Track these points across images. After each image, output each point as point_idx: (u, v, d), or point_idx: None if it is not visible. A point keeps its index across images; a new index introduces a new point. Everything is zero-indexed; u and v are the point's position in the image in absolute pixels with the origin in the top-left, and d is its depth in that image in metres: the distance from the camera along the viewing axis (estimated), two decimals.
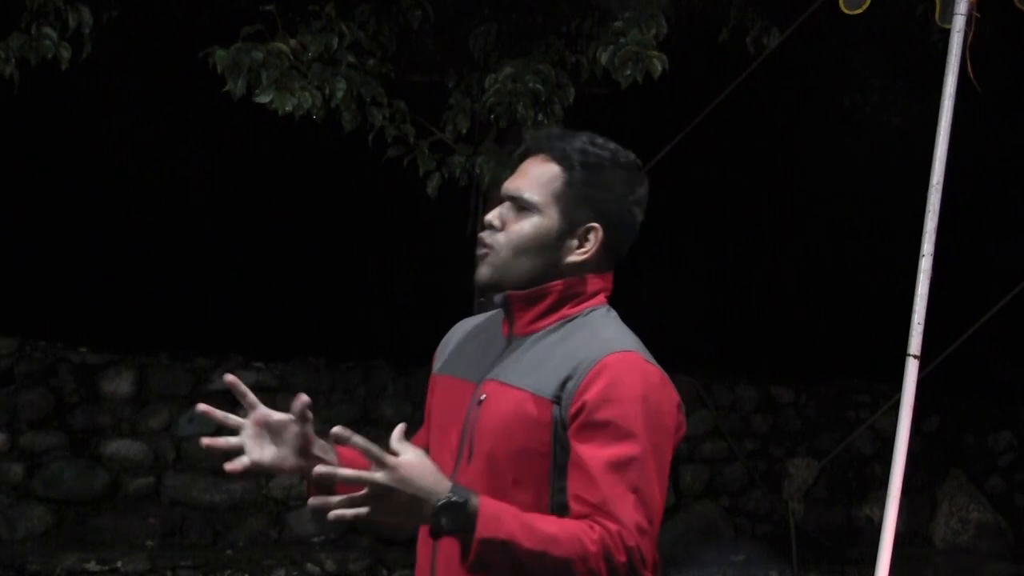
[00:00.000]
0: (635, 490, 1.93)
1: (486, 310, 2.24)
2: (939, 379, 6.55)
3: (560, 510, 1.95)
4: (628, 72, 5.30)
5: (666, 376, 2.08)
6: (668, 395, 2.06)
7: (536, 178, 2.09)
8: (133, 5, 5.83)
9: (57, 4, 5.26)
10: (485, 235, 2.07)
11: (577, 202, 2.05)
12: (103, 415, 6.82)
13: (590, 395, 1.94)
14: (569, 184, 2.06)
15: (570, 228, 2.06)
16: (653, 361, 2.09)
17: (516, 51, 5.90)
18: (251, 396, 2.10)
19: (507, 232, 2.06)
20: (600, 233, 2.06)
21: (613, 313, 2.12)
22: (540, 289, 2.05)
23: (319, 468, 1.85)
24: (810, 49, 6.76)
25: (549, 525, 1.88)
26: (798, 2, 5.82)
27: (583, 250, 2.06)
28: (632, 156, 2.14)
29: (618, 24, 5.39)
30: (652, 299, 9.33)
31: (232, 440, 2.12)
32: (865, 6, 3.88)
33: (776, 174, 9.14)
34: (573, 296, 2.07)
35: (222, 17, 5.87)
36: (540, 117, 5.61)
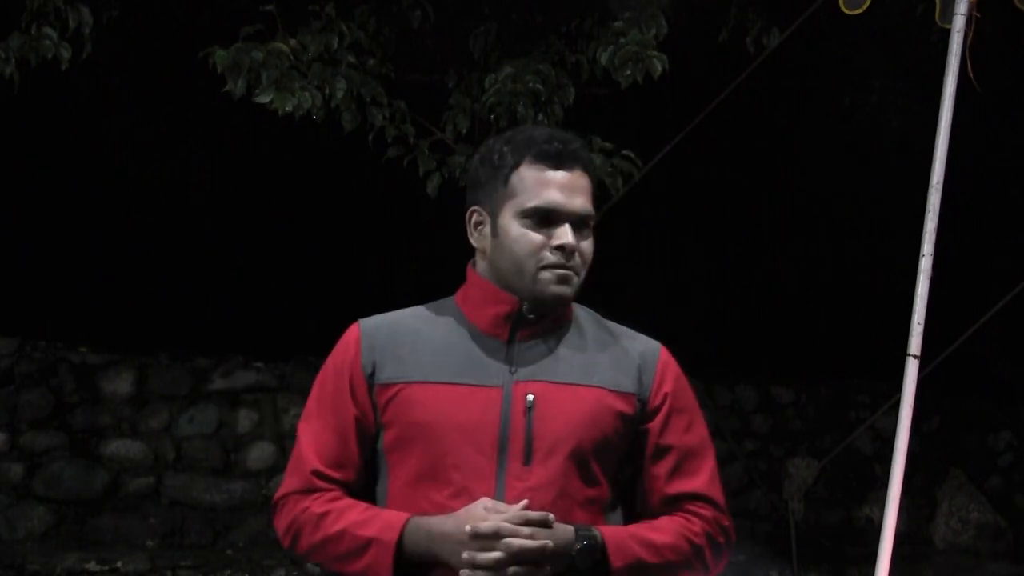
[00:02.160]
0: (715, 469, 2.11)
1: None
2: (939, 379, 6.54)
3: (617, 500, 2.07)
4: (628, 72, 5.30)
5: None
6: None
7: (588, 194, 2.07)
8: (133, 5, 5.82)
9: (57, 4, 5.26)
10: (572, 261, 2.03)
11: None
12: (103, 415, 6.82)
13: (667, 387, 2.08)
14: (592, 189, 2.10)
15: None
16: None
17: (516, 51, 5.90)
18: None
19: (583, 255, 2.06)
20: None
21: None
22: None
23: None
24: (810, 49, 6.76)
25: (661, 534, 2.01)
26: (798, 2, 5.82)
27: None
28: None
29: (618, 24, 5.39)
30: (652, 299, 9.33)
31: None
32: (865, 6, 3.88)
33: (776, 174, 9.14)
34: None
35: (222, 17, 5.86)
36: (540, 117, 5.61)
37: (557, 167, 2.03)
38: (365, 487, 2.08)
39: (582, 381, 2.02)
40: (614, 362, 2.06)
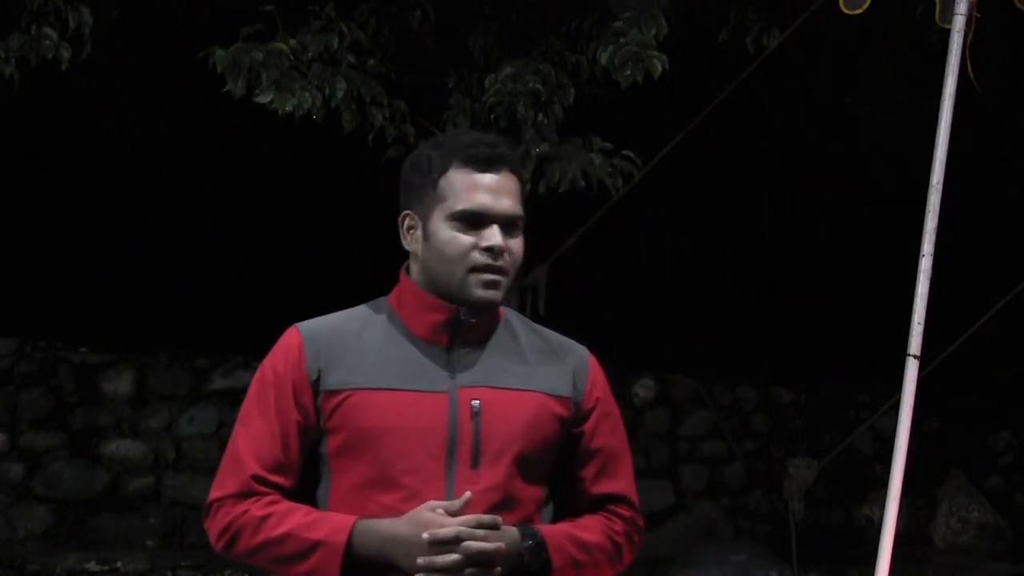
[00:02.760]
0: (632, 469, 2.21)
1: None
2: (939, 379, 6.54)
3: (550, 497, 2.14)
4: (628, 72, 5.30)
5: None
6: None
7: (517, 195, 2.10)
8: (133, 5, 5.83)
9: (57, 4, 5.26)
10: (500, 262, 2.05)
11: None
12: (103, 415, 6.82)
13: (599, 390, 2.18)
14: (521, 190, 2.12)
15: None
16: None
17: (516, 51, 5.89)
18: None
19: (512, 255, 2.08)
20: None
21: None
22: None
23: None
24: (810, 49, 6.76)
25: (591, 534, 2.10)
26: (798, 2, 5.82)
27: None
28: None
29: (618, 24, 5.39)
30: (652, 299, 9.33)
31: None
32: (865, 6, 3.88)
33: (776, 174, 9.14)
34: None
35: (222, 17, 5.86)
36: (540, 117, 5.61)
37: (485, 170, 2.06)
38: (302, 492, 2.10)
39: (524, 386, 2.09)
40: (550, 367, 2.13)
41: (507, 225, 2.06)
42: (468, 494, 1.95)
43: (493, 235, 2.04)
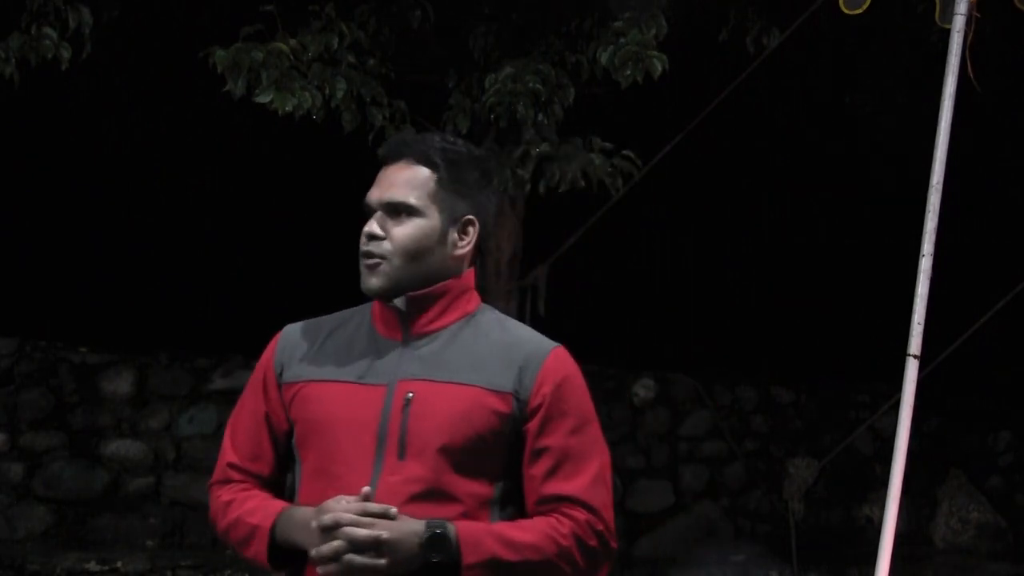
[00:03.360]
0: (598, 472, 2.10)
1: None
2: (939, 379, 6.54)
3: (506, 499, 2.08)
4: (628, 72, 5.30)
5: None
6: None
7: (408, 182, 2.12)
8: (133, 5, 5.82)
9: (57, 4, 5.25)
10: (371, 246, 2.11)
11: (452, 197, 2.13)
12: (103, 415, 6.82)
13: (548, 388, 2.07)
14: (440, 182, 2.13)
15: (451, 224, 2.14)
16: None
17: (516, 51, 5.89)
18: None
19: (393, 239, 2.10)
20: (477, 225, 2.16)
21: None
22: (440, 287, 2.13)
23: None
24: (810, 49, 6.76)
25: (523, 533, 2.01)
26: (798, 2, 5.82)
27: (464, 243, 2.15)
28: (482, 151, 2.27)
29: (618, 24, 5.39)
30: (652, 299, 9.33)
31: None
32: (865, 6, 3.88)
33: (776, 174, 9.14)
34: (465, 292, 2.17)
35: (222, 17, 5.86)
36: (540, 117, 5.61)
37: (386, 164, 2.17)
38: (279, 480, 2.21)
39: (461, 380, 2.07)
40: (498, 362, 2.09)
41: (391, 212, 2.11)
42: (366, 489, 1.97)
43: (370, 222, 2.12)
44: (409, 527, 1.95)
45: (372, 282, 2.10)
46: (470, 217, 2.15)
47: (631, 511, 7.93)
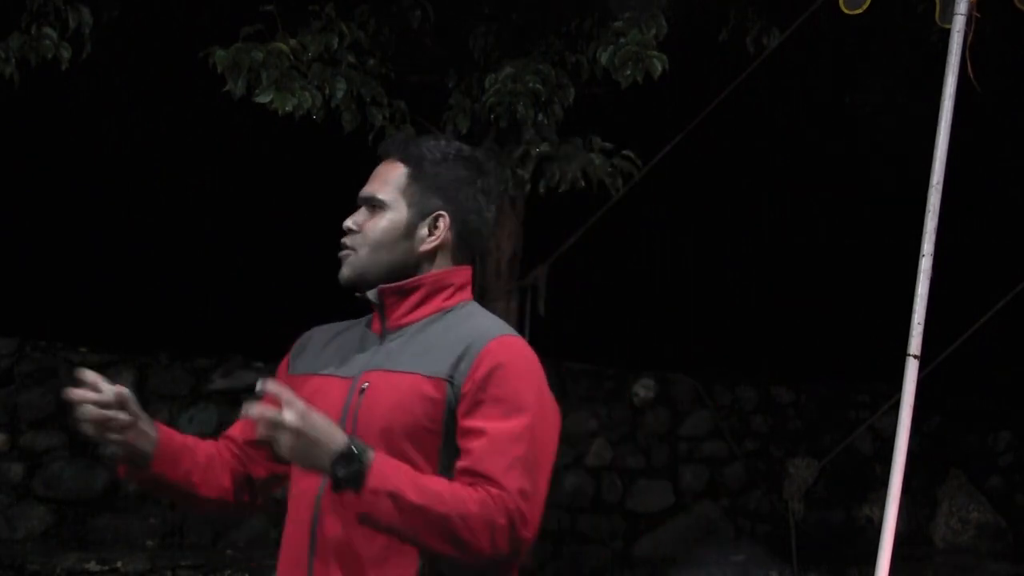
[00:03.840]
0: (522, 458, 2.05)
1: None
2: (939, 379, 6.54)
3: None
4: (628, 72, 5.30)
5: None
6: (545, 377, 2.20)
7: (384, 178, 2.24)
8: (133, 5, 5.82)
9: (57, 4, 5.25)
10: (345, 239, 2.21)
11: (423, 193, 2.21)
12: None
13: (481, 373, 2.08)
14: (413, 177, 2.22)
15: (419, 218, 2.20)
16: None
17: (516, 51, 5.89)
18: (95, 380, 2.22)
19: (363, 232, 2.21)
20: (447, 219, 2.21)
21: (481, 306, 2.28)
22: (413, 281, 2.20)
23: (255, 411, 1.96)
24: (810, 49, 6.75)
25: (436, 484, 2.01)
26: (798, 2, 5.82)
27: (434, 237, 2.20)
28: (475, 152, 2.29)
29: (618, 24, 5.39)
30: (652, 299, 9.33)
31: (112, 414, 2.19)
32: (865, 6, 3.88)
33: (776, 174, 9.14)
34: (443, 288, 2.21)
35: (222, 17, 5.86)
36: (540, 117, 5.61)
37: (379, 162, 2.28)
38: (266, 459, 2.29)
39: (405, 368, 2.13)
40: (443, 350, 2.13)
41: (367, 206, 2.22)
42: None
43: (349, 217, 2.23)
44: (331, 434, 1.96)
45: (341, 272, 2.21)
46: (441, 212, 2.20)
47: (631, 511, 7.94)
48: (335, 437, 1.95)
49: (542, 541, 7.51)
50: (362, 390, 2.13)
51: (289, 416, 1.93)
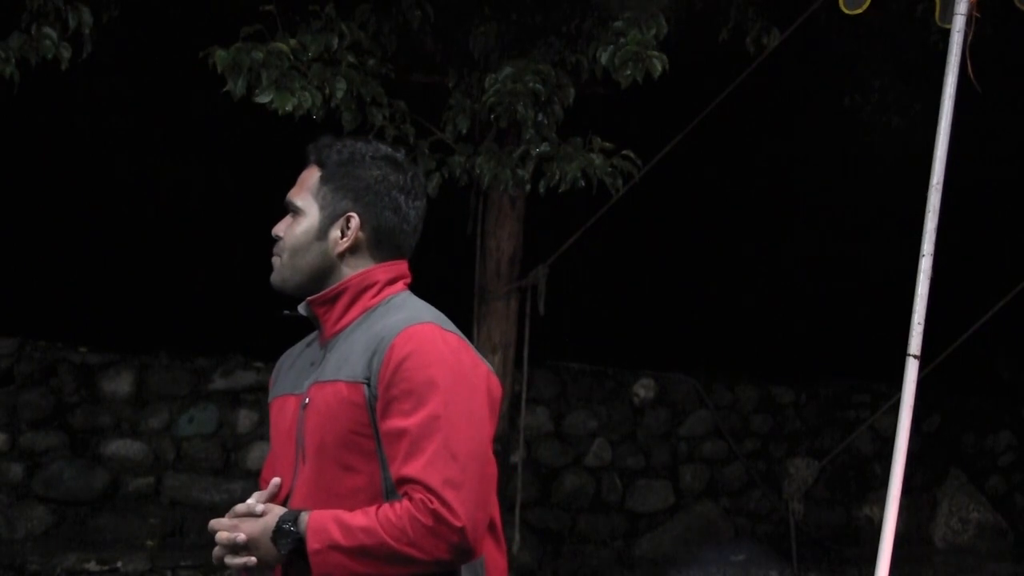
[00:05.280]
0: (442, 448, 2.02)
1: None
2: (939, 379, 6.54)
3: (395, 487, 2.08)
4: (628, 72, 5.29)
5: (465, 341, 2.18)
6: (470, 356, 2.14)
7: (301, 183, 2.28)
8: (133, 5, 5.82)
9: (57, 4, 5.25)
10: (275, 247, 2.27)
11: (333, 195, 2.23)
12: (103, 415, 6.82)
13: (389, 370, 2.06)
14: (324, 180, 2.24)
15: (331, 221, 2.22)
16: (452, 329, 2.17)
17: (516, 51, 5.89)
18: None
19: (285, 238, 2.27)
20: (357, 220, 2.22)
21: (413, 296, 2.25)
22: (337, 287, 2.21)
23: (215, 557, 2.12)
24: (810, 49, 6.75)
25: (362, 518, 2.02)
26: (798, 2, 5.82)
27: (346, 239, 2.22)
28: (394, 152, 2.30)
29: (618, 24, 5.38)
30: (652, 299, 9.33)
31: None
32: (865, 6, 3.88)
33: (776, 174, 9.14)
34: (367, 287, 2.21)
35: (222, 17, 5.86)
36: (540, 117, 5.60)
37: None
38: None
39: (333, 377, 2.13)
40: (360, 351, 2.12)
41: (291, 212, 2.28)
42: (276, 480, 2.15)
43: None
44: (263, 523, 2.06)
45: (271, 278, 2.28)
46: (351, 213, 2.21)
47: (631, 511, 7.94)
48: (267, 523, 2.05)
49: (542, 541, 7.50)
50: (304, 406, 2.17)
51: (225, 536, 2.07)
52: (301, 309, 2.24)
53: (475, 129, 6.06)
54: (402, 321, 2.12)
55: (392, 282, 2.24)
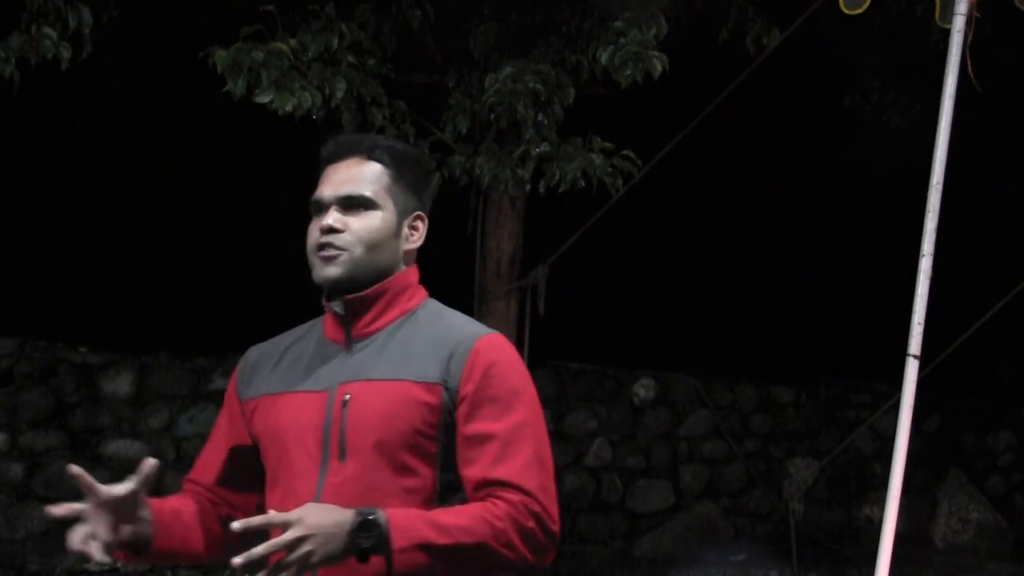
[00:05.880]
0: (534, 455, 2.08)
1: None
2: (939, 379, 6.55)
3: (448, 489, 2.09)
4: (628, 72, 5.29)
5: None
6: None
7: (364, 177, 2.18)
8: (133, 5, 5.82)
9: (57, 4, 5.25)
10: (331, 239, 2.13)
11: (404, 193, 2.20)
12: (103, 415, 6.82)
13: (477, 374, 2.08)
14: (393, 178, 2.20)
15: (403, 218, 2.20)
16: None
17: (516, 51, 5.89)
18: (90, 482, 2.10)
19: (353, 231, 2.14)
20: (425, 220, 2.23)
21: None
22: (378, 288, 2.17)
23: (243, 558, 1.89)
24: (810, 49, 6.76)
25: (455, 517, 2.01)
26: (798, 2, 5.82)
27: (415, 238, 2.22)
28: (419, 151, 2.32)
29: (618, 24, 5.39)
30: (651, 299, 9.33)
31: (76, 507, 2.11)
32: (865, 6, 3.88)
33: (776, 174, 9.14)
34: (404, 289, 2.20)
35: (222, 17, 5.87)
36: (540, 117, 5.61)
37: (333, 161, 2.23)
38: (233, 496, 2.28)
39: (393, 376, 2.10)
40: (427, 354, 2.11)
41: (348, 206, 2.16)
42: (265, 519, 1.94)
43: (327, 216, 2.15)
44: (335, 516, 1.94)
45: (331, 271, 2.13)
46: (419, 213, 2.22)
47: (631, 511, 7.94)
48: (341, 516, 1.94)
49: None
50: (344, 402, 2.10)
51: (293, 532, 1.90)
52: (337, 307, 2.16)
53: (475, 129, 6.06)
54: (473, 327, 2.16)
55: (418, 285, 2.25)
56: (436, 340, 2.12)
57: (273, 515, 1.92)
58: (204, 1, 6.29)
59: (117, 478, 6.66)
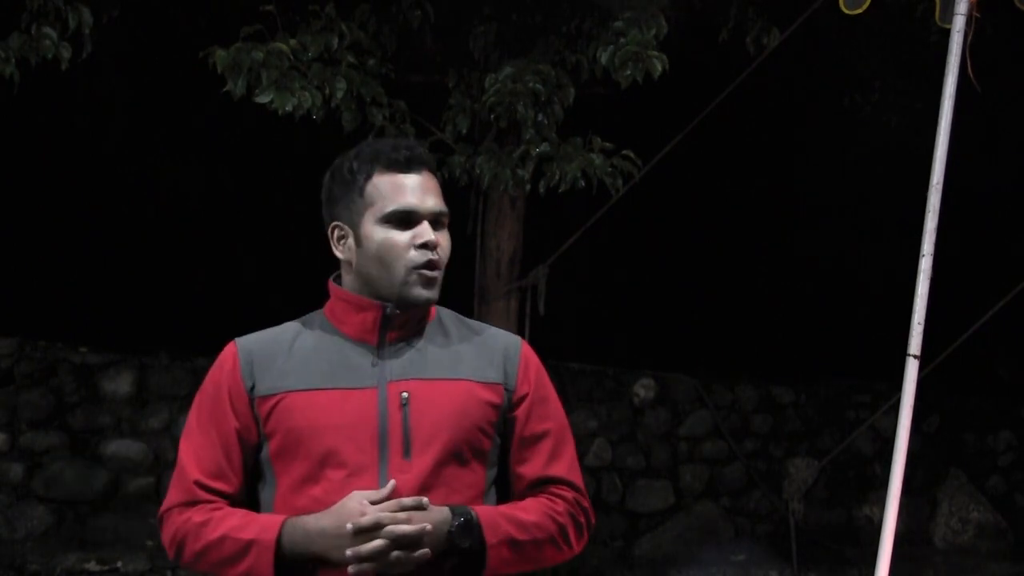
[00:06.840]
0: (573, 453, 2.26)
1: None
2: (939, 379, 6.54)
3: (494, 483, 2.20)
4: (628, 72, 5.30)
5: None
6: None
7: (440, 194, 2.20)
8: (133, 5, 5.82)
9: (57, 4, 5.25)
10: (433, 255, 2.14)
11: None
12: (103, 415, 6.82)
13: (532, 375, 2.23)
14: (440, 189, 2.22)
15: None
16: None
17: (516, 51, 5.90)
18: None
19: (443, 250, 2.18)
20: None
21: None
22: None
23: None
24: (810, 49, 6.76)
25: (528, 513, 2.14)
26: (798, 2, 5.82)
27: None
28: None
29: (618, 24, 5.39)
30: (651, 299, 9.33)
31: None
32: (865, 6, 3.88)
33: (776, 174, 9.14)
34: None
35: (222, 17, 5.87)
36: (540, 117, 5.61)
37: (407, 171, 2.16)
38: (249, 496, 2.20)
39: (450, 375, 2.15)
40: (478, 355, 2.19)
41: (435, 222, 2.16)
42: (392, 482, 2.02)
43: (425, 231, 2.13)
44: (439, 516, 2.03)
45: (431, 293, 2.16)
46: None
47: (631, 511, 7.94)
48: (441, 514, 2.04)
49: None
50: (404, 400, 2.11)
51: (409, 529, 1.98)
52: (389, 308, 2.15)
53: (475, 129, 6.06)
54: (508, 335, 2.27)
55: None
56: (480, 343, 2.22)
57: (404, 500, 2.00)
58: (204, 1, 6.29)
59: (117, 478, 6.68)
